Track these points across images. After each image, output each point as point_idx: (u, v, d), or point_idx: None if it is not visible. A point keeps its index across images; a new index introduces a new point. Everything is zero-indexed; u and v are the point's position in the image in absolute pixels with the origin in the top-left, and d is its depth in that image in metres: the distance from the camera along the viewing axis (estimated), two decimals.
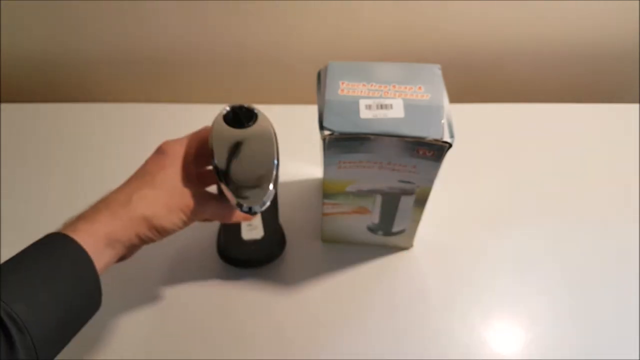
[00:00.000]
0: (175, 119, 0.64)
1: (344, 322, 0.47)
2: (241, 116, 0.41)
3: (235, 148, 0.39)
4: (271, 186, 0.37)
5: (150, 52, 0.67)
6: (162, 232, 0.37)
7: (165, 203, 0.36)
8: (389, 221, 0.47)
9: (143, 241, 0.37)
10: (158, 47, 0.67)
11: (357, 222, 0.48)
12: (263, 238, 0.46)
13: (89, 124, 0.64)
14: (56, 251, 0.32)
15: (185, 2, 0.61)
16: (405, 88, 0.39)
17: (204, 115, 0.66)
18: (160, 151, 0.39)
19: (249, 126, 0.40)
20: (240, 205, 0.37)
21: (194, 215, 0.38)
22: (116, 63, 0.69)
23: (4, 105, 0.65)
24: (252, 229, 0.45)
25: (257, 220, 0.44)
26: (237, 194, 0.37)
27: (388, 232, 0.49)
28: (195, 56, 0.68)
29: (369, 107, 0.38)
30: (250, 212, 0.37)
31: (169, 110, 0.66)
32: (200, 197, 0.38)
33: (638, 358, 0.44)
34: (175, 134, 0.64)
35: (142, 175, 0.38)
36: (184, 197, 0.37)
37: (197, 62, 0.69)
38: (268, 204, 0.37)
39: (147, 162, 0.39)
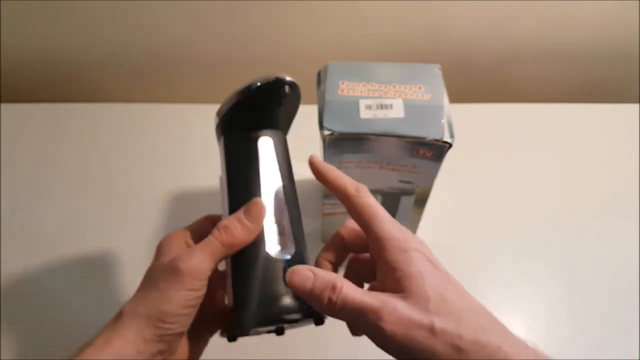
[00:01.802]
0: (175, 119, 0.64)
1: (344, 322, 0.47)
2: None
3: None
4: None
5: (150, 52, 0.67)
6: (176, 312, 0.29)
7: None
8: None
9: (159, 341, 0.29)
10: (158, 47, 0.67)
11: None
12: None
13: (89, 124, 0.64)
14: None
15: (186, 2, 0.61)
16: (405, 88, 0.39)
17: (204, 115, 0.66)
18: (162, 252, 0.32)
19: None
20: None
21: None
22: (116, 63, 0.69)
23: (4, 105, 0.65)
24: (281, 235, 0.33)
25: (283, 222, 0.34)
26: None
27: None
28: (195, 56, 0.68)
29: (369, 107, 0.38)
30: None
31: (169, 110, 0.66)
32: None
33: (638, 358, 0.44)
34: (175, 134, 0.64)
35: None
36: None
37: (197, 62, 0.69)
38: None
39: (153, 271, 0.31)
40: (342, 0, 0.61)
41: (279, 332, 0.31)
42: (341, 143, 0.38)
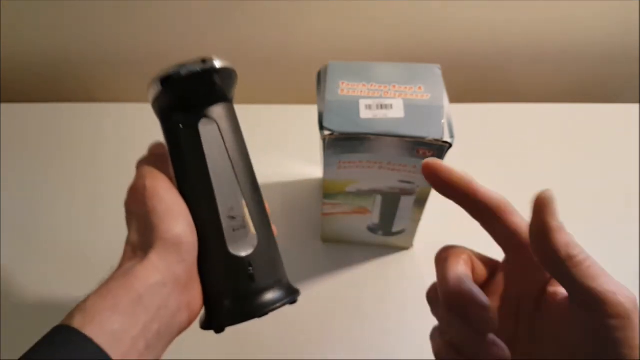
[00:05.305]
0: None
1: (344, 322, 0.47)
2: None
3: None
4: None
5: (151, 52, 0.67)
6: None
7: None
8: (389, 221, 0.47)
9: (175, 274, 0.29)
10: (158, 47, 0.67)
11: (357, 222, 0.48)
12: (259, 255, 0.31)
13: (89, 124, 0.64)
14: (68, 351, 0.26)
15: (186, 2, 0.61)
16: (405, 88, 0.39)
17: None
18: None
19: None
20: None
21: None
22: (116, 63, 0.69)
23: (4, 105, 0.65)
24: (239, 228, 0.31)
25: (241, 211, 0.31)
26: None
27: (388, 232, 0.49)
28: (196, 56, 0.68)
29: (369, 107, 0.38)
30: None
31: None
32: None
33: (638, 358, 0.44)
34: None
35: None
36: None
37: None
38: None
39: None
40: (342, 1, 0.61)
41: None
42: (341, 143, 0.38)
